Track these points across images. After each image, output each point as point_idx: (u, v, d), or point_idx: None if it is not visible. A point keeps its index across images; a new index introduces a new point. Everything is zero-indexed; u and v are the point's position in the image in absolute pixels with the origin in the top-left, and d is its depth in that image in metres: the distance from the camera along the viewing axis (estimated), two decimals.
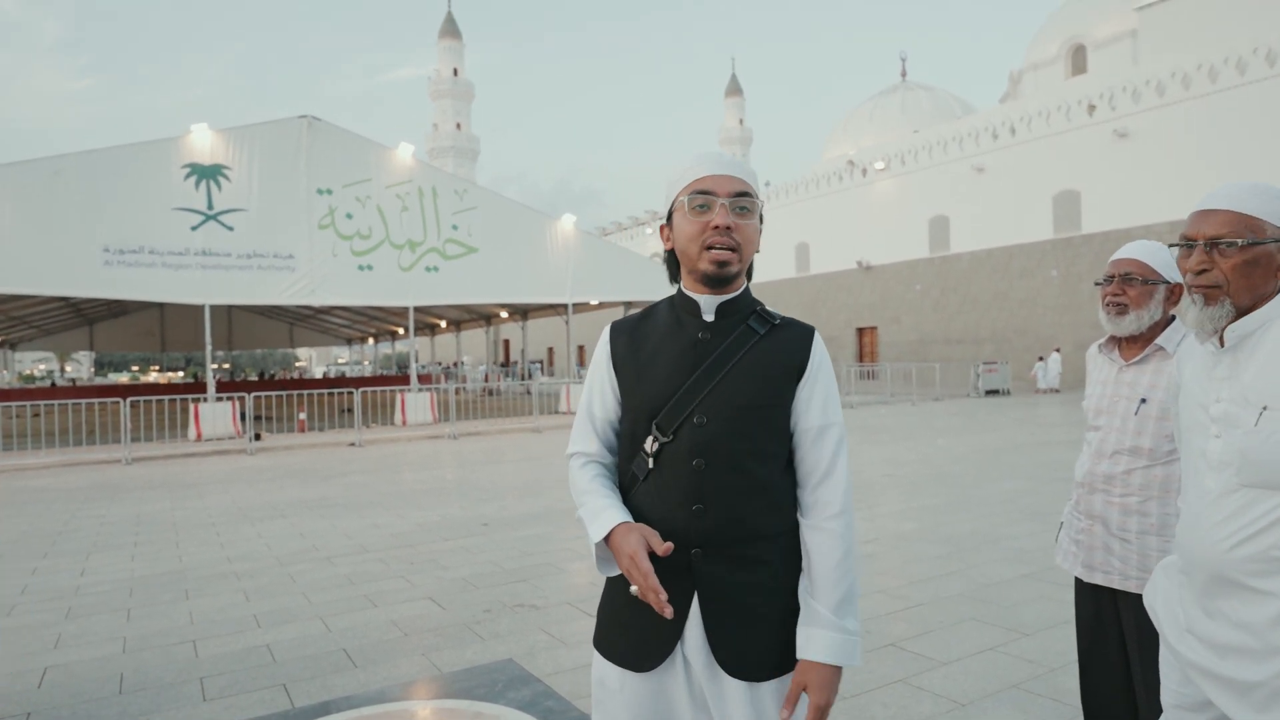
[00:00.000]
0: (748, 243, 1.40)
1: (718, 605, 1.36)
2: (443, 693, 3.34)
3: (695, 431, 1.37)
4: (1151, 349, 1.98)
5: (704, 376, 1.39)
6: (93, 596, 4.89)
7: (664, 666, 1.39)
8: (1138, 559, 1.95)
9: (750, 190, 1.40)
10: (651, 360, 1.45)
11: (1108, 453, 2.02)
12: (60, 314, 28.54)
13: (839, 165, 36.46)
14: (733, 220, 1.37)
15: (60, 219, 14.17)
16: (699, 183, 1.38)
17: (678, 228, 1.42)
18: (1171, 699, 1.54)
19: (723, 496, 1.37)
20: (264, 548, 6.13)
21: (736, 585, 1.36)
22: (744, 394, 1.38)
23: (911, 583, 4.72)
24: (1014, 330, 28.18)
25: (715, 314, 1.44)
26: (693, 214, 1.38)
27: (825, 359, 1.44)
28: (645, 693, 1.40)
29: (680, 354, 1.43)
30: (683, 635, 1.38)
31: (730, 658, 1.35)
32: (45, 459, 12.39)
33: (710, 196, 1.37)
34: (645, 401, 1.43)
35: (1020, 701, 3.07)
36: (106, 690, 3.42)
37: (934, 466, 9.54)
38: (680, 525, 1.37)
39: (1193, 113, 23.52)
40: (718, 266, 1.37)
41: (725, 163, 1.40)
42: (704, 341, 1.42)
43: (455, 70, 68.01)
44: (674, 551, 1.36)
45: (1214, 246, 1.39)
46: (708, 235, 1.37)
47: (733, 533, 1.36)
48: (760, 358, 1.40)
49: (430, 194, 18.17)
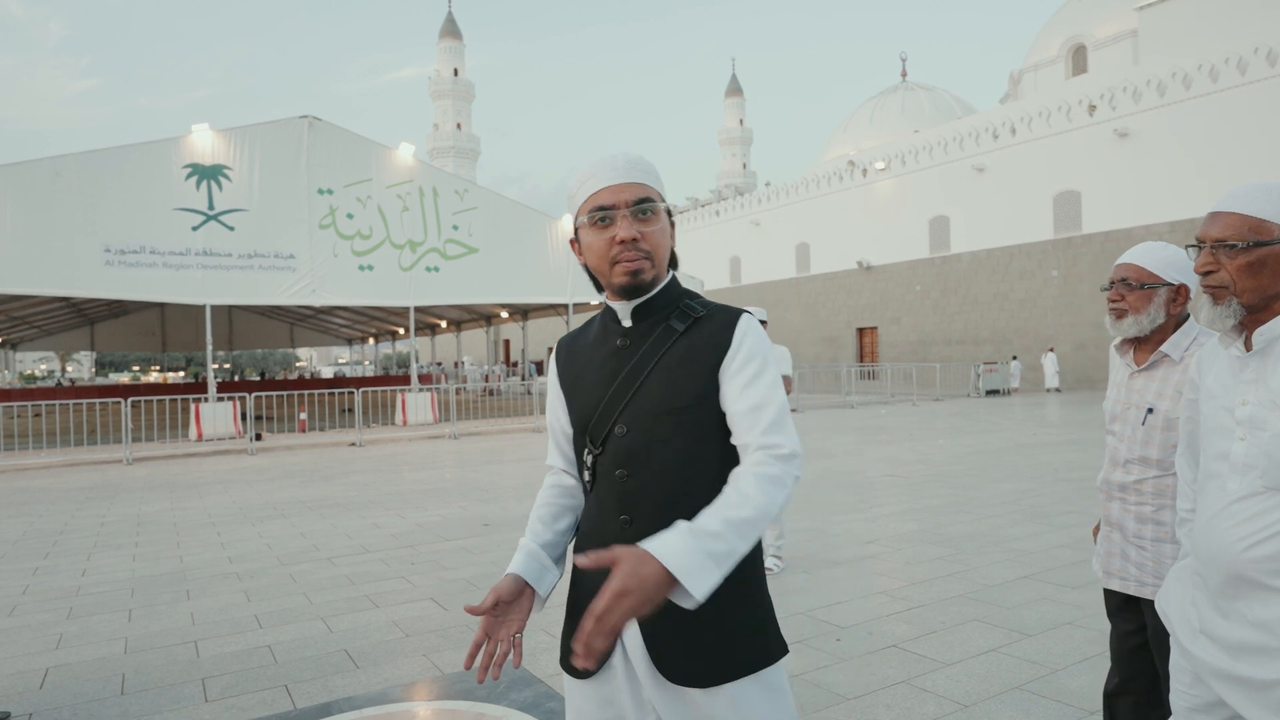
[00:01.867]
0: (657, 247, 1.36)
1: (654, 614, 1.30)
2: (444, 694, 3.34)
3: (618, 442, 1.36)
4: (1157, 356, 1.97)
5: (623, 385, 1.37)
6: (94, 596, 4.89)
7: (605, 675, 1.38)
8: (1153, 565, 1.96)
9: (650, 193, 1.36)
10: (582, 373, 1.45)
11: (1120, 461, 2.03)
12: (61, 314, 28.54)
13: (839, 165, 36.46)
14: (637, 230, 1.33)
15: (61, 219, 14.18)
16: (595, 198, 1.35)
17: (585, 245, 1.39)
18: (1182, 701, 1.54)
19: (648, 506, 1.34)
20: (265, 548, 6.13)
21: None
22: (661, 397, 1.34)
23: (913, 584, 4.72)
24: (1014, 331, 28.17)
25: (632, 318, 1.41)
26: (596, 230, 1.35)
27: (753, 340, 1.34)
28: (593, 699, 1.40)
29: (603, 364, 1.42)
30: (622, 645, 1.36)
31: (671, 666, 1.31)
32: (46, 459, 12.39)
33: (609, 211, 1.34)
34: (580, 415, 1.43)
35: (1023, 703, 3.07)
36: (108, 690, 3.42)
37: (935, 467, 9.54)
38: (612, 537, 1.35)
39: (1194, 113, 23.51)
40: (631, 277, 1.34)
41: (620, 169, 1.36)
42: (622, 349, 1.40)
43: (456, 70, 68.01)
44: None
45: (1219, 248, 1.41)
46: (615, 250, 1.34)
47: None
48: (679, 356, 1.35)
49: (431, 194, 18.18)
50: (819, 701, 3.13)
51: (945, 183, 30.79)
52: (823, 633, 3.90)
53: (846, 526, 6.34)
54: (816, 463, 10.16)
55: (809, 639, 3.82)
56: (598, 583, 1.34)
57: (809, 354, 36.48)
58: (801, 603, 4.39)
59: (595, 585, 1.36)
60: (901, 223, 32.50)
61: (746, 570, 1.35)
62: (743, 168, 75.33)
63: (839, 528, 6.29)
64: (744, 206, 41.38)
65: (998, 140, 28.88)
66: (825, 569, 5.09)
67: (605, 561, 1.11)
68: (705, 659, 1.30)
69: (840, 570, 5.06)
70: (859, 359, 34.19)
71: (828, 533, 6.13)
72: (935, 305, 31.15)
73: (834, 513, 6.90)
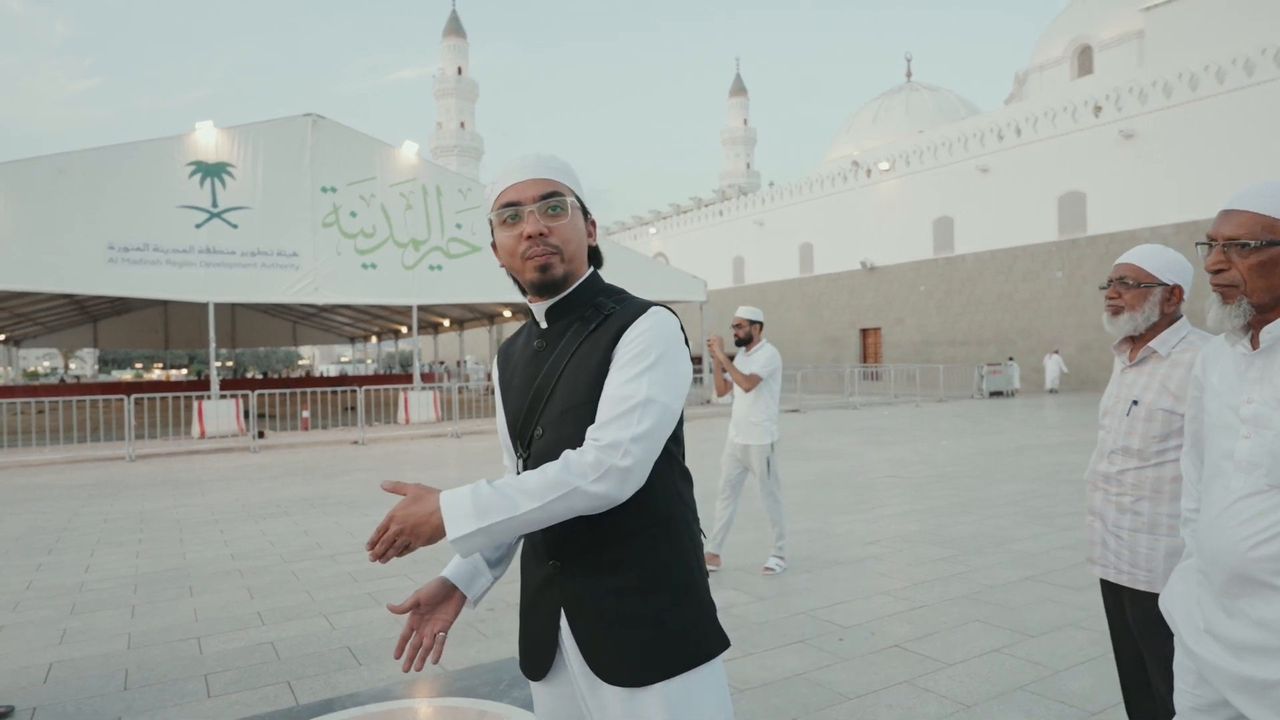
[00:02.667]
0: (568, 241, 1.35)
1: (581, 614, 1.34)
2: (446, 690, 3.34)
3: (538, 445, 1.36)
4: (1146, 352, 2.04)
5: (540, 388, 1.37)
6: (97, 593, 4.90)
7: (560, 676, 1.39)
8: (1129, 555, 2.03)
9: (558, 188, 1.35)
10: (511, 378, 1.46)
11: (1106, 452, 2.10)
12: (64, 311, 28.61)
13: (843, 166, 36.44)
14: (544, 225, 1.33)
15: (65, 217, 14.21)
16: (503, 195, 1.35)
17: (499, 245, 1.39)
18: (1186, 701, 1.53)
19: None
20: (267, 545, 6.14)
21: (600, 591, 1.32)
22: (568, 397, 1.33)
23: (915, 584, 4.72)
24: (1018, 332, 28.15)
25: (547, 319, 1.41)
26: (504, 229, 1.36)
27: (649, 332, 1.29)
28: (552, 700, 1.42)
29: (523, 367, 1.43)
30: (562, 646, 1.37)
31: (602, 664, 1.31)
32: (49, 455, 12.42)
33: (517, 207, 1.34)
34: (510, 420, 1.44)
35: (1025, 704, 3.06)
36: (111, 686, 3.42)
37: (937, 468, 9.53)
38: (538, 539, 1.38)
39: (1200, 114, 23.46)
40: (540, 273, 1.34)
41: (527, 166, 1.36)
42: (539, 351, 1.41)
43: (459, 69, 68.07)
44: (540, 564, 1.39)
45: (1230, 246, 1.40)
46: (524, 246, 1.34)
47: (586, 540, 1.32)
48: (585, 353, 1.34)
49: (434, 192, 18.19)
50: (821, 701, 3.13)
51: (949, 183, 30.76)
52: (825, 632, 3.90)
53: (849, 527, 6.33)
54: (819, 463, 10.15)
55: (811, 638, 3.82)
56: (543, 586, 1.39)
57: (812, 354, 36.46)
58: (803, 602, 4.39)
59: (540, 588, 1.40)
60: (905, 223, 32.48)
61: (679, 569, 1.35)
62: (746, 168, 75.32)
63: (841, 528, 6.29)
64: (747, 207, 41.38)
65: (1002, 141, 28.85)
66: (827, 569, 5.09)
67: (399, 489, 1.25)
68: (635, 658, 1.30)
69: (842, 570, 5.05)
70: (862, 360, 34.16)
71: (830, 533, 6.12)
72: (939, 306, 31.12)
73: (836, 513, 6.90)
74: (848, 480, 8.74)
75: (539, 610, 1.40)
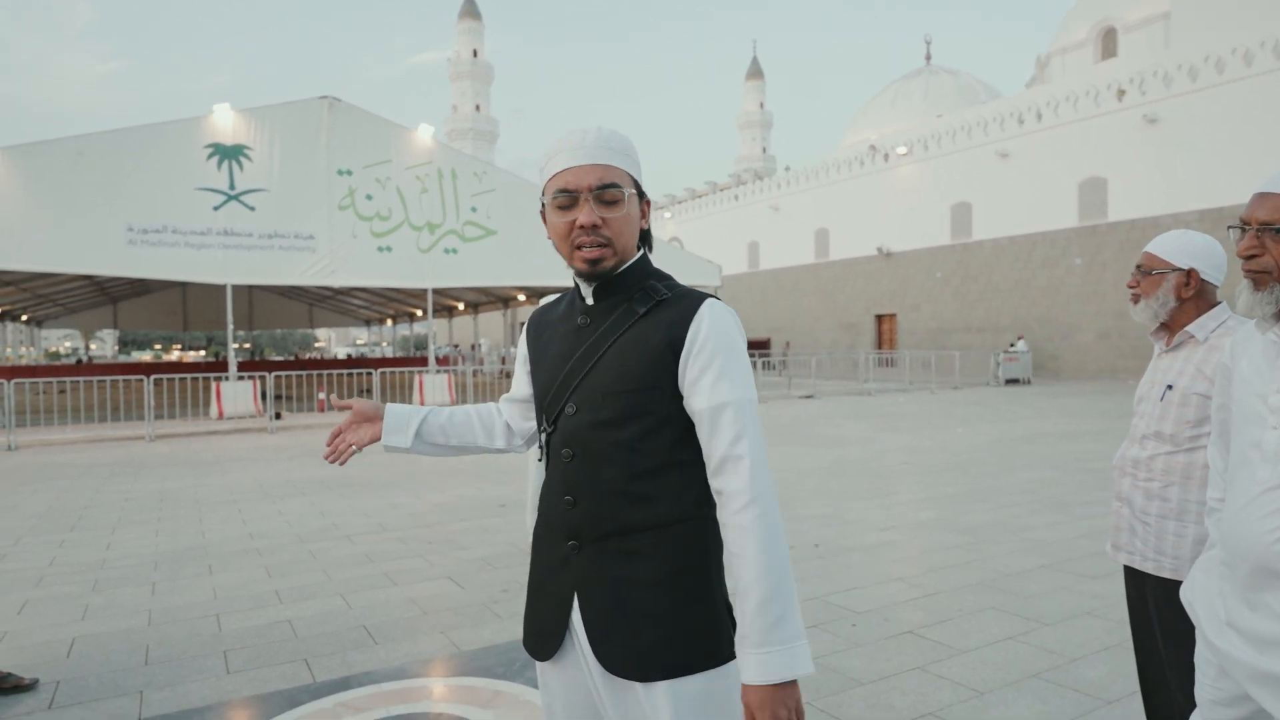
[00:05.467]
0: (620, 234, 1.32)
1: (594, 600, 1.31)
2: (461, 670, 3.37)
3: (567, 421, 1.34)
4: (1183, 336, 2.02)
5: (578, 363, 1.35)
6: (118, 570, 4.97)
7: (569, 658, 1.37)
8: (1155, 542, 2.00)
9: (616, 176, 1.30)
10: (545, 349, 1.45)
11: (1137, 437, 2.09)
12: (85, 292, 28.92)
13: (860, 150, 36.07)
14: (598, 216, 1.29)
15: (84, 198, 14.32)
16: (559, 178, 1.31)
17: (549, 224, 1.35)
18: (1207, 694, 1.52)
19: (591, 488, 1.31)
20: (284, 525, 6.20)
21: (614, 580, 1.30)
22: (613, 379, 1.31)
23: (929, 571, 4.70)
24: (1035, 319, 27.86)
25: (594, 297, 1.38)
26: (558, 212, 1.32)
27: (716, 331, 1.28)
28: (561, 682, 1.39)
29: (563, 341, 1.41)
30: (573, 629, 1.35)
31: (608, 655, 1.29)
32: (71, 435, 12.59)
33: (571, 194, 1.29)
34: (539, 390, 1.43)
35: (1040, 691, 3.05)
36: (133, 661, 3.48)
37: (953, 455, 9.48)
38: (558, 517, 1.36)
39: (1226, 98, 23.00)
40: (590, 265, 1.31)
41: (587, 148, 1.30)
42: (583, 326, 1.38)
43: (475, 52, 67.81)
44: (556, 544, 1.36)
45: (1265, 231, 1.36)
46: (575, 235, 1.30)
47: (606, 525, 1.30)
48: (636, 338, 1.31)
49: (449, 176, 18.18)
50: (834, 686, 3.13)
51: (968, 168, 30.38)
52: (838, 618, 3.90)
53: (863, 513, 6.32)
54: (833, 450, 10.13)
55: (824, 624, 3.82)
56: (557, 566, 1.36)
57: (827, 340, 36.29)
58: (817, 588, 4.39)
59: (553, 567, 1.37)
60: (923, 209, 32.14)
61: (697, 569, 1.31)
62: (762, 152, 74.75)
63: (855, 514, 6.27)
64: (763, 191, 41.08)
65: (1023, 125, 28.43)
66: (841, 555, 5.08)
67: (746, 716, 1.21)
68: (644, 653, 1.27)
69: (856, 556, 5.05)
70: (877, 346, 33.96)
71: (844, 519, 6.11)
72: (955, 292, 30.85)
73: (851, 499, 6.88)
74: (862, 466, 8.71)
75: (550, 590, 1.38)
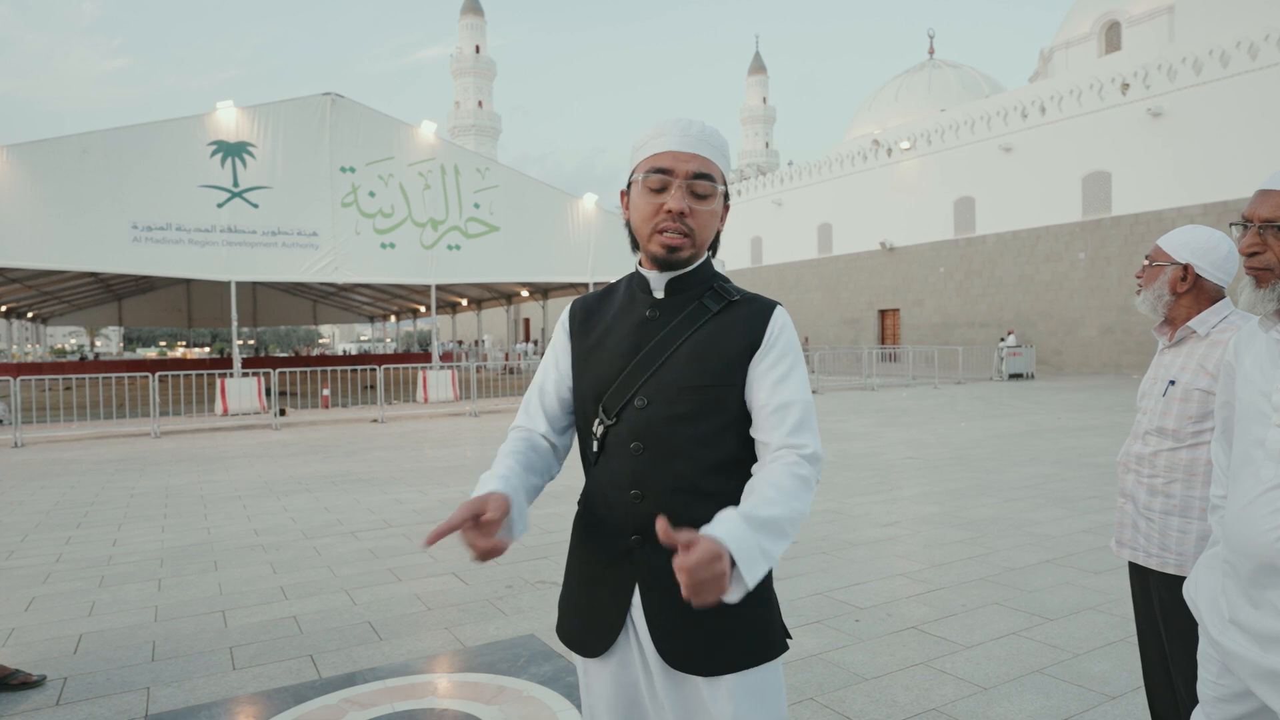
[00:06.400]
0: (703, 228, 1.32)
1: (658, 595, 1.30)
2: (466, 666, 3.39)
3: (635, 414, 1.32)
4: (1184, 331, 2.02)
5: (648, 357, 1.33)
6: (125, 566, 4.99)
7: (619, 654, 1.35)
8: (1159, 538, 2.01)
9: (712, 171, 1.31)
10: (601, 340, 1.40)
11: (1140, 433, 2.09)
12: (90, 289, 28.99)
13: (863, 145, 35.99)
14: (688, 205, 1.29)
15: (89, 196, 14.36)
16: (658, 159, 1.30)
17: (634, 203, 1.34)
18: (1210, 690, 1.52)
19: (661, 482, 1.31)
20: (289, 521, 6.23)
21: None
22: (688, 375, 1.31)
23: (933, 566, 4.71)
24: (1039, 314, 27.80)
25: (665, 291, 1.37)
26: (647, 193, 1.31)
27: (787, 336, 1.33)
28: (607, 679, 1.36)
29: (627, 333, 1.37)
30: (632, 624, 1.33)
31: (671, 650, 1.29)
32: (77, 431, 12.64)
33: (667, 176, 1.29)
34: (593, 382, 1.38)
35: (1043, 686, 3.06)
36: (139, 657, 3.50)
37: (956, 450, 9.47)
38: (620, 511, 1.33)
39: (1231, 92, 22.90)
40: (667, 251, 1.30)
41: (691, 137, 1.30)
42: (651, 320, 1.36)
43: (477, 47, 67.70)
44: (615, 538, 1.34)
45: (1267, 228, 1.36)
46: (660, 218, 1.29)
47: (674, 520, 1.28)
48: (710, 336, 1.32)
49: (452, 172, 18.18)
50: (837, 681, 3.14)
51: (971, 163, 30.30)
52: (841, 613, 3.91)
53: (866, 508, 6.32)
54: (837, 444, 10.12)
55: (828, 619, 3.83)
56: (617, 560, 1.35)
57: (829, 335, 36.25)
58: (820, 583, 4.40)
59: (611, 562, 1.35)
60: (926, 203, 32.07)
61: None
62: (765, 147, 74.62)
63: (859, 509, 6.28)
64: (766, 186, 41.00)
65: (1026, 119, 28.33)
66: (844, 550, 5.09)
67: (676, 541, 1.06)
68: (710, 648, 1.28)
69: (860, 551, 5.05)
70: (880, 341, 33.92)
71: (847, 514, 6.11)
72: (959, 287, 30.79)
73: (854, 494, 6.88)
74: (866, 462, 8.71)
75: (606, 585, 1.36)
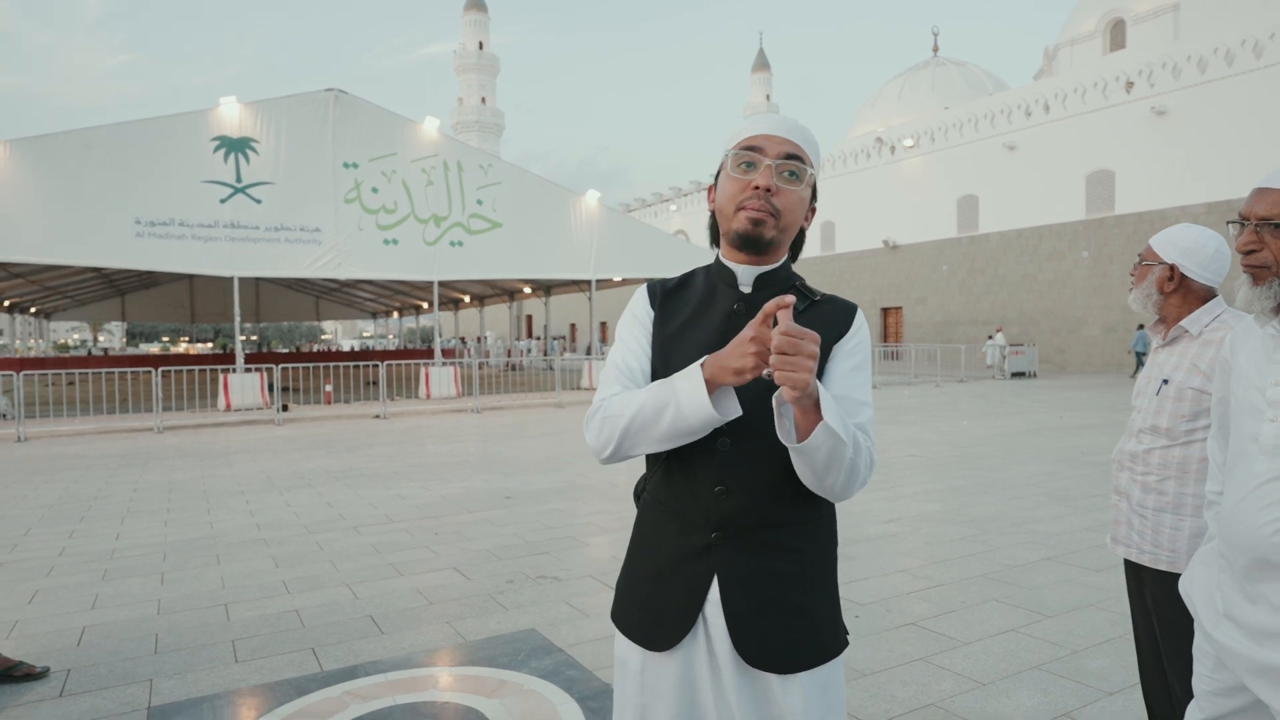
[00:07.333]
0: (789, 210, 1.30)
1: (738, 591, 1.30)
2: (467, 660, 3.40)
3: None
4: (1177, 331, 2.03)
5: None
6: (128, 560, 5.02)
7: (686, 649, 1.33)
8: (1152, 535, 2.02)
9: (802, 154, 1.30)
10: (682, 330, 1.37)
11: (1134, 431, 2.11)
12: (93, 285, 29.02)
13: (867, 142, 35.93)
14: (776, 183, 1.28)
15: (92, 191, 14.37)
16: (749, 140, 1.30)
17: (720, 186, 1.34)
18: (1204, 685, 1.53)
19: (748, 478, 1.30)
20: (292, 516, 6.25)
21: (760, 572, 1.30)
22: None
23: (933, 563, 4.72)
24: (1041, 312, 27.77)
25: (753, 286, 1.36)
26: (736, 172, 1.31)
27: (866, 339, 1.36)
28: (666, 674, 1.33)
29: (713, 325, 1.35)
30: (705, 619, 1.32)
31: (750, 647, 1.28)
32: (80, 426, 12.67)
33: (757, 154, 1.29)
34: (673, 373, 1.33)
35: (1041, 682, 3.07)
36: (142, 649, 3.52)
37: (958, 448, 9.48)
38: (701, 506, 1.31)
39: (1236, 90, 22.84)
40: (751, 225, 1.28)
41: (784, 124, 1.32)
42: (738, 314, 1.34)
43: (480, 44, 67.66)
44: (694, 533, 1.32)
45: (1264, 226, 1.37)
46: (746, 194, 1.29)
47: (757, 516, 1.30)
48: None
49: (455, 168, 18.17)
50: None
51: (975, 161, 30.26)
52: (842, 609, 3.91)
53: (868, 505, 6.33)
54: None
55: None
56: (693, 555, 1.32)
57: None
58: None
59: (686, 556, 1.33)
60: (929, 201, 32.03)
61: (828, 561, 1.37)
62: None
63: (860, 506, 6.29)
64: None
65: (1030, 118, 28.28)
66: (846, 546, 5.09)
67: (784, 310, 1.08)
68: (786, 645, 1.29)
69: (861, 548, 5.06)
70: (883, 339, 33.91)
71: (849, 511, 6.12)
72: (962, 285, 30.76)
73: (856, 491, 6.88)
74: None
75: (682, 578, 1.33)
